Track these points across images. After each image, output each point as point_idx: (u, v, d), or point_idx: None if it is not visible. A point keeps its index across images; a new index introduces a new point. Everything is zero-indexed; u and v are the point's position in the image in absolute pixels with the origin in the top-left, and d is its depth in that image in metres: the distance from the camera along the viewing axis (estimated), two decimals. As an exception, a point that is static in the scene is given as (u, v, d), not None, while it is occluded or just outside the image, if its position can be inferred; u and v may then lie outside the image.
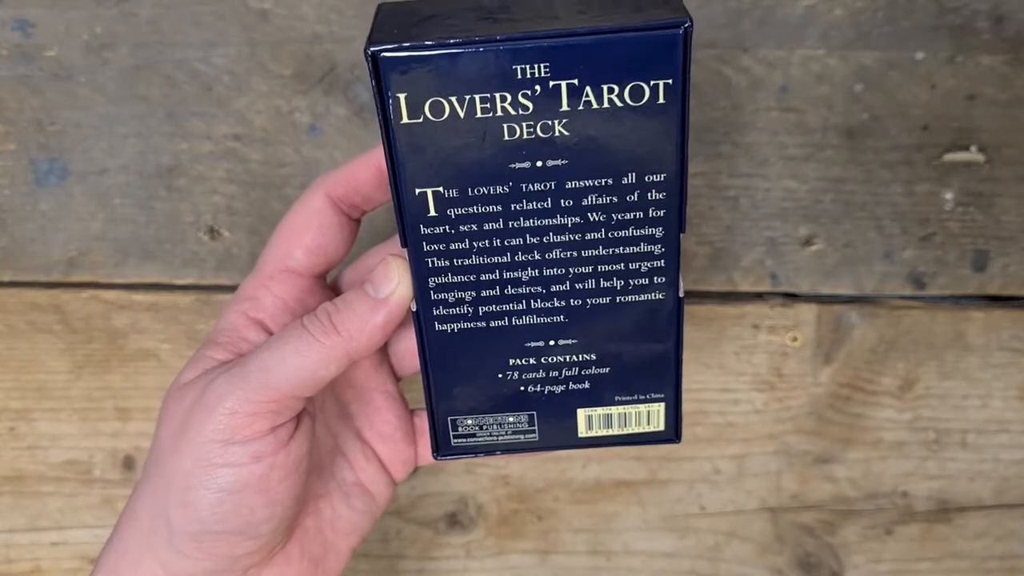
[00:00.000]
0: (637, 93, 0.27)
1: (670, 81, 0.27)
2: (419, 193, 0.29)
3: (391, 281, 0.30)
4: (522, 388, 0.32)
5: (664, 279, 0.30)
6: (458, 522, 0.46)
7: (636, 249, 0.30)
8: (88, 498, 0.45)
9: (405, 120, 0.27)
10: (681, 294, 0.31)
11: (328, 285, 0.35)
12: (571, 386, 0.32)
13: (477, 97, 0.27)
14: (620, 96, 0.27)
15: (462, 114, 0.27)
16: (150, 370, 0.44)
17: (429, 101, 0.27)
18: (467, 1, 0.29)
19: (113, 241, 0.42)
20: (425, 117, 0.27)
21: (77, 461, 0.45)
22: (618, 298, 0.31)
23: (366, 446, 0.35)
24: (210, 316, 0.43)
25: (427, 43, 0.26)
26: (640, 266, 0.30)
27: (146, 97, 0.40)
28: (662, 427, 0.33)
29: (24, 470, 0.45)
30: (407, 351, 0.36)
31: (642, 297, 0.31)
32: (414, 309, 0.31)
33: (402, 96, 0.27)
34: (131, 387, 0.44)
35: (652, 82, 0.27)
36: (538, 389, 0.32)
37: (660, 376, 0.33)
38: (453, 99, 0.27)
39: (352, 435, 0.35)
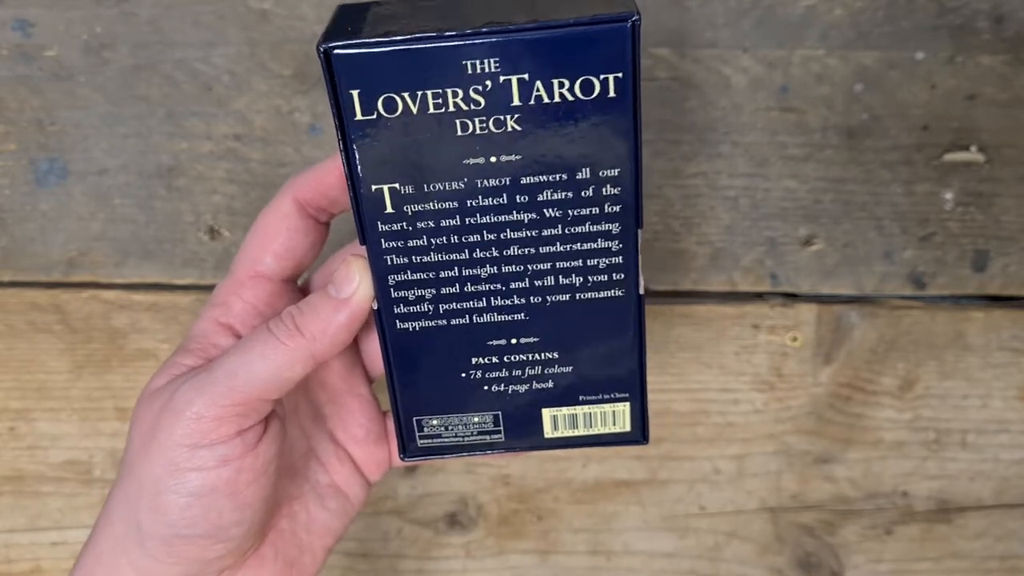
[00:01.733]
0: (587, 87, 0.27)
1: (620, 75, 0.27)
2: (375, 190, 0.29)
3: (352, 281, 0.30)
4: (486, 387, 0.32)
5: (623, 275, 0.31)
6: (458, 522, 0.46)
7: (593, 245, 0.30)
8: (88, 498, 0.45)
9: (359, 117, 0.28)
10: (641, 291, 0.31)
11: (299, 288, 0.35)
12: (535, 385, 0.32)
13: (429, 93, 0.27)
14: (571, 90, 0.27)
15: (415, 110, 0.28)
16: (150, 370, 0.44)
17: (382, 97, 0.27)
18: (424, 2, 0.30)
19: (113, 241, 0.42)
20: (379, 113, 0.28)
21: (77, 461, 0.45)
22: (577, 295, 0.31)
23: (339, 448, 0.35)
24: (210, 316, 0.43)
25: (378, 39, 0.27)
26: (598, 263, 0.30)
27: (146, 97, 0.40)
28: (628, 428, 0.33)
29: (24, 470, 0.45)
30: (378, 352, 0.37)
31: (601, 294, 0.31)
32: (375, 307, 0.31)
33: (355, 93, 0.27)
34: (131, 387, 0.44)
35: (602, 76, 0.27)
36: (502, 388, 0.32)
37: (624, 375, 0.32)
38: (405, 95, 0.27)
39: (325, 437, 0.35)
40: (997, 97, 0.40)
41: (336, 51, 0.27)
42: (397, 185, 0.29)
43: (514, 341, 0.32)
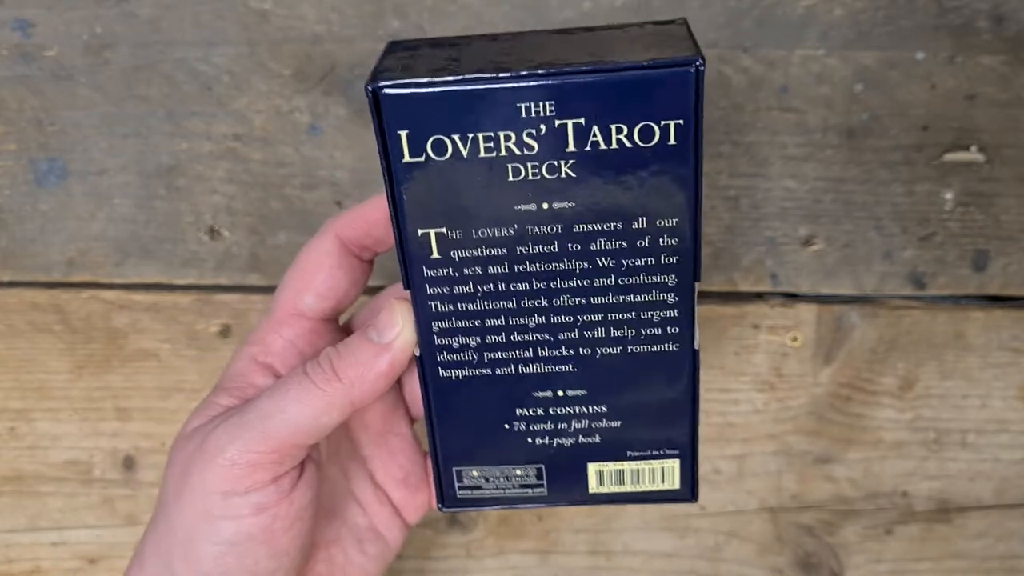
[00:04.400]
0: (647, 134, 0.26)
1: (681, 122, 0.26)
2: (421, 234, 0.28)
3: (395, 326, 0.29)
4: (529, 440, 0.31)
5: (678, 329, 0.29)
6: (458, 522, 0.46)
7: (648, 297, 0.29)
8: (88, 498, 0.45)
9: (407, 159, 0.27)
10: (696, 346, 0.30)
11: (341, 327, 0.35)
12: (581, 439, 0.31)
13: (480, 135, 0.26)
14: (629, 137, 0.26)
15: (465, 153, 0.26)
16: (150, 370, 0.44)
17: (431, 139, 0.26)
18: (478, 41, 0.29)
19: (113, 241, 0.42)
20: (427, 155, 0.27)
21: (77, 461, 0.45)
22: (630, 348, 0.30)
23: (379, 490, 0.35)
24: (210, 316, 0.43)
25: (429, 80, 0.26)
26: (652, 315, 0.29)
27: (146, 97, 0.40)
28: (677, 485, 0.32)
29: (24, 470, 0.45)
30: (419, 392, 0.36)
31: (655, 348, 0.30)
32: (417, 354, 0.30)
33: (403, 134, 0.26)
34: (131, 387, 0.44)
35: (663, 122, 0.26)
36: (546, 441, 0.31)
37: (675, 431, 0.31)
38: (456, 137, 0.26)
39: (365, 478, 0.35)
40: (997, 97, 0.40)
41: (385, 90, 0.26)
42: (444, 230, 0.28)
43: (560, 393, 0.30)
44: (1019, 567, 0.46)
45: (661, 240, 0.28)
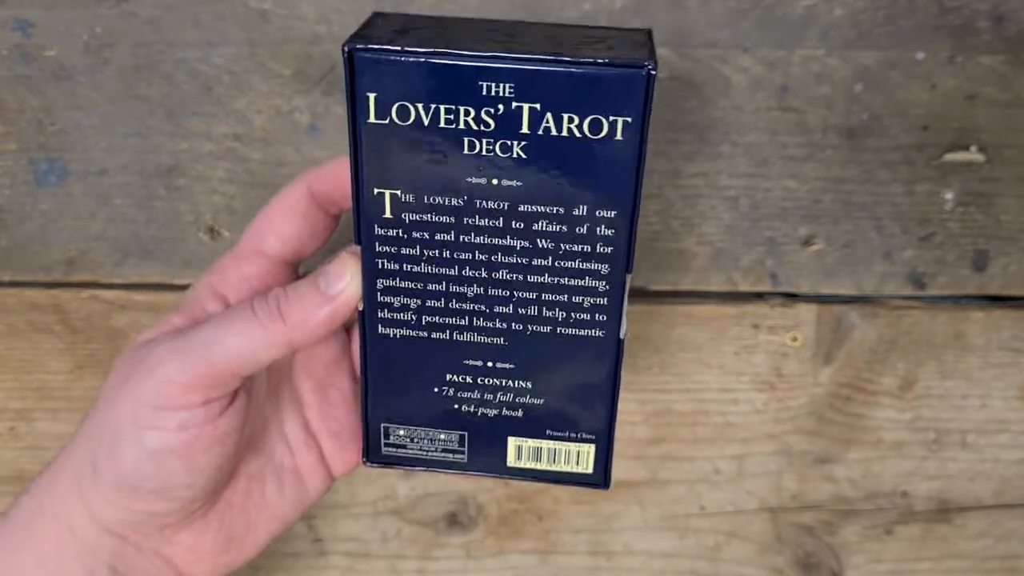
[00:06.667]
0: (596, 126, 0.28)
1: (629, 119, 0.27)
2: (377, 193, 0.29)
3: (342, 278, 0.31)
4: (456, 406, 0.33)
5: (605, 317, 0.31)
6: (458, 522, 0.46)
7: (580, 282, 0.30)
8: (88, 498, 0.45)
9: (372, 120, 0.28)
10: (622, 335, 0.31)
11: (298, 276, 0.36)
12: (504, 412, 0.33)
13: (442, 107, 0.28)
14: (579, 127, 0.28)
15: (426, 121, 0.28)
16: (150, 370, 0.44)
17: (397, 104, 0.28)
18: (457, 22, 0.30)
19: (113, 241, 0.42)
20: (391, 119, 0.28)
21: (77, 461, 0.45)
22: (559, 329, 0.31)
23: (310, 436, 0.36)
24: (210, 316, 0.43)
25: (402, 48, 0.27)
26: (583, 300, 0.30)
27: (146, 97, 0.40)
28: (591, 470, 0.33)
29: (24, 470, 0.45)
30: None
31: (582, 332, 0.31)
32: (360, 308, 0.31)
33: (372, 96, 0.28)
34: (131, 387, 0.44)
35: (612, 117, 0.27)
36: (472, 409, 0.33)
37: (593, 417, 0.33)
38: (419, 105, 0.28)
39: (299, 423, 0.36)
40: (997, 97, 0.40)
41: (359, 53, 0.27)
42: (399, 192, 0.29)
43: (490, 364, 0.32)
44: (1019, 567, 0.46)
45: (598, 230, 0.29)
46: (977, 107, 0.40)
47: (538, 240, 0.30)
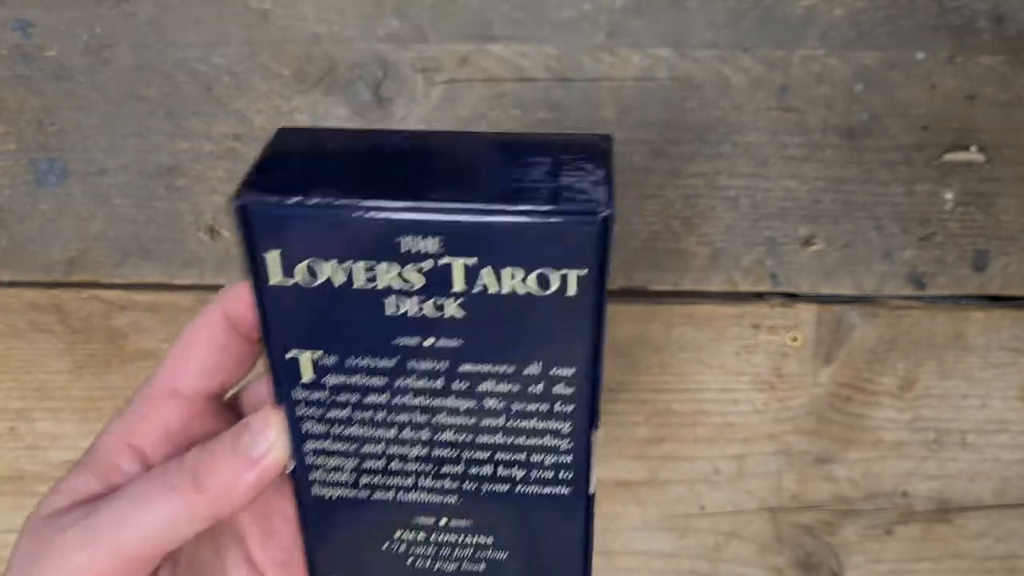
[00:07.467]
0: (544, 281, 0.24)
1: (583, 272, 0.23)
2: (290, 357, 0.26)
3: (267, 438, 0.27)
4: (410, 562, 0.29)
5: (571, 474, 0.27)
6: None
7: (539, 442, 0.27)
8: (88, 498, 0.45)
9: (274, 281, 0.24)
10: (592, 490, 0.28)
11: (226, 405, 0.32)
12: (464, 566, 0.29)
13: (357, 265, 0.24)
14: (523, 282, 0.24)
15: (339, 282, 0.24)
16: (150, 370, 0.44)
17: (303, 263, 0.24)
18: (378, 140, 0.26)
19: (113, 241, 0.42)
20: (299, 279, 0.24)
21: (77, 461, 0.45)
22: (518, 488, 0.28)
23: (255, 571, 0.32)
24: (210, 316, 0.43)
25: (305, 197, 0.23)
26: (543, 458, 0.27)
27: (146, 97, 0.40)
28: None
29: (24, 470, 0.45)
30: None
31: (545, 490, 0.28)
32: (289, 469, 0.28)
33: (274, 255, 0.24)
34: (131, 387, 0.44)
35: (562, 271, 0.23)
36: (427, 565, 0.29)
37: (566, 569, 0.29)
38: (330, 264, 0.24)
39: (242, 559, 0.32)
40: (997, 97, 0.40)
41: (254, 208, 0.23)
42: (317, 354, 0.26)
43: (443, 522, 0.28)
44: (1019, 567, 0.46)
45: (555, 388, 0.26)
46: (977, 107, 0.40)
47: (486, 400, 0.26)
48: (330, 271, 0.24)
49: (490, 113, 0.40)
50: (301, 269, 0.24)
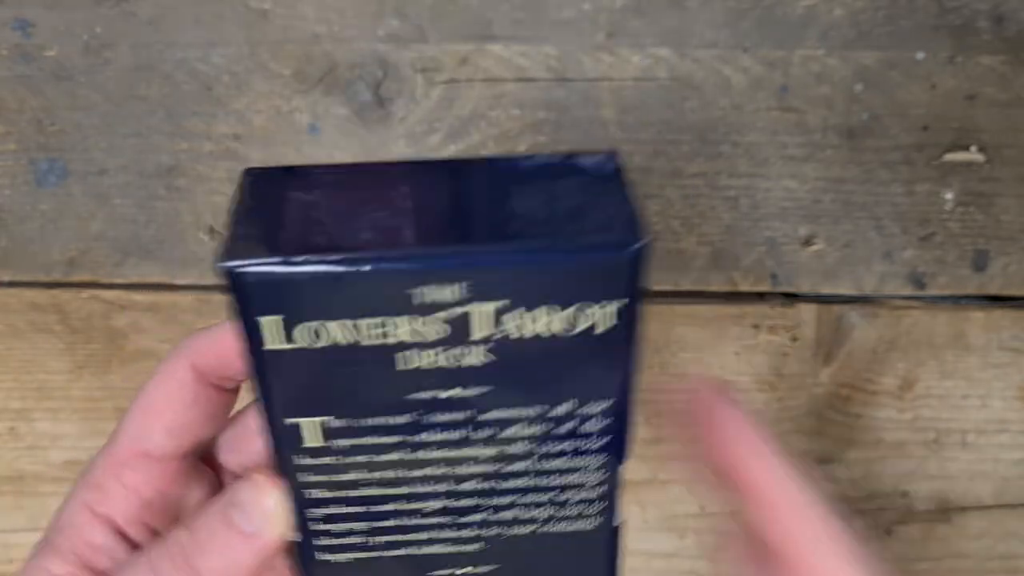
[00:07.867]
0: (580, 317, 0.22)
1: (622, 303, 0.22)
2: (290, 424, 0.23)
3: (262, 507, 0.24)
4: None
5: (597, 509, 0.26)
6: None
7: (567, 480, 0.25)
8: (88, 498, 0.45)
9: (273, 346, 0.22)
10: (616, 523, 0.26)
11: (201, 462, 0.29)
12: None
13: (364, 323, 0.21)
14: (557, 320, 0.22)
15: (345, 342, 0.22)
16: (150, 370, 0.44)
17: (303, 326, 0.22)
18: (363, 176, 0.24)
19: (113, 241, 0.42)
20: (299, 343, 0.22)
21: (77, 461, 0.45)
22: (540, 529, 0.26)
23: None
24: (210, 316, 0.43)
25: (308, 260, 0.21)
26: (569, 497, 0.26)
27: (146, 97, 0.40)
28: None
29: (24, 470, 0.45)
30: None
31: (570, 528, 0.26)
32: (293, 538, 0.26)
33: (273, 320, 0.22)
34: (131, 387, 0.44)
35: (593, 309, 0.22)
36: None
37: None
38: (333, 324, 0.21)
39: None
40: (997, 97, 0.40)
41: (247, 273, 0.21)
42: (322, 419, 0.23)
43: (463, 571, 0.27)
44: (1019, 567, 0.46)
45: (588, 425, 0.24)
46: (977, 107, 0.40)
47: (511, 446, 0.24)
48: (336, 331, 0.22)
49: (490, 113, 0.40)
50: (303, 332, 0.22)
